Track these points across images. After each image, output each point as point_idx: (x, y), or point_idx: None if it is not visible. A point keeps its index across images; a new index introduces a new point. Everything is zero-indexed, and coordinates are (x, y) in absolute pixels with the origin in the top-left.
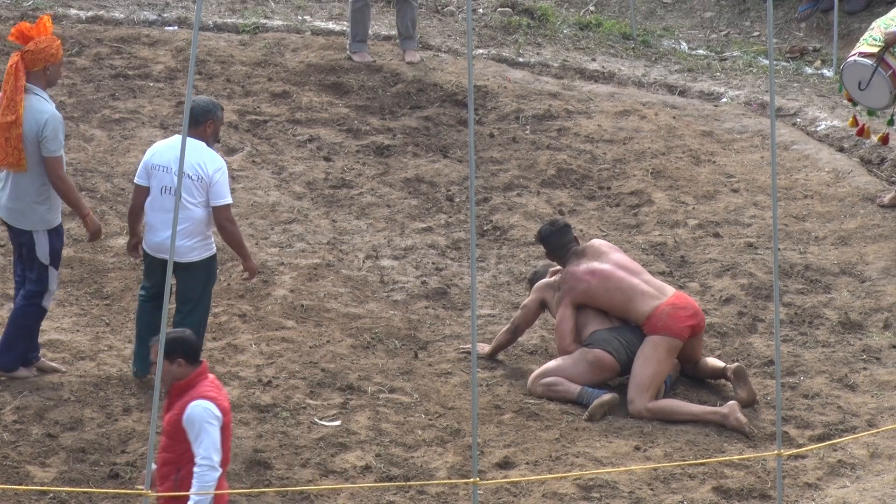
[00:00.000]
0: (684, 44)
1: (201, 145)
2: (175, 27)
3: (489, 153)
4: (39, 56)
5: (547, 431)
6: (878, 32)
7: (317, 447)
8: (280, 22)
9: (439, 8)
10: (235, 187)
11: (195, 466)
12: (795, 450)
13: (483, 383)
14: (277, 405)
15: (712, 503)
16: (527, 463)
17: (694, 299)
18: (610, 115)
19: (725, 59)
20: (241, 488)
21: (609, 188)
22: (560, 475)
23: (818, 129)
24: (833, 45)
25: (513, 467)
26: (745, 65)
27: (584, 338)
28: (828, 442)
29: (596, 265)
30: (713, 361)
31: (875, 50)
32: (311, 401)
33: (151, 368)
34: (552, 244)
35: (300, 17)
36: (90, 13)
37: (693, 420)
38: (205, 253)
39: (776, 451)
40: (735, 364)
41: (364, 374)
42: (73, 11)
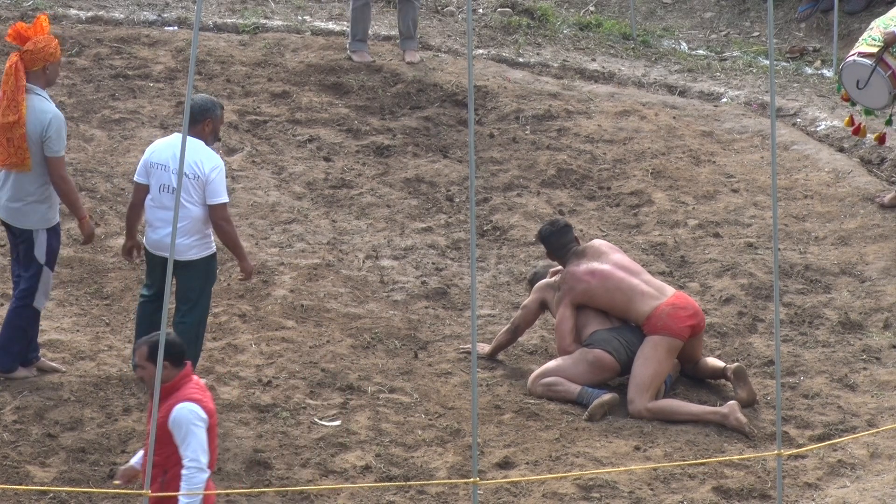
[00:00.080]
0: (684, 44)
1: (199, 144)
2: (175, 27)
3: (489, 153)
4: (38, 56)
5: (547, 431)
6: (878, 32)
7: (317, 447)
8: (280, 22)
9: (439, 8)
10: (235, 187)
11: (183, 469)
12: (795, 450)
13: (483, 383)
14: (277, 405)
15: (712, 503)
16: (527, 463)
17: (694, 299)
18: (610, 116)
19: (725, 60)
20: (241, 488)
21: (609, 188)
22: (560, 475)
23: (818, 130)
24: (833, 46)
25: (513, 467)
26: (745, 65)
27: (585, 338)
28: (828, 442)
29: (596, 265)
30: (713, 361)
31: (874, 50)
32: (311, 401)
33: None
34: (552, 244)
35: (300, 17)
36: (90, 13)
37: (693, 420)
38: (203, 252)
39: (776, 451)
40: (735, 364)
41: (364, 374)
42: (73, 11)
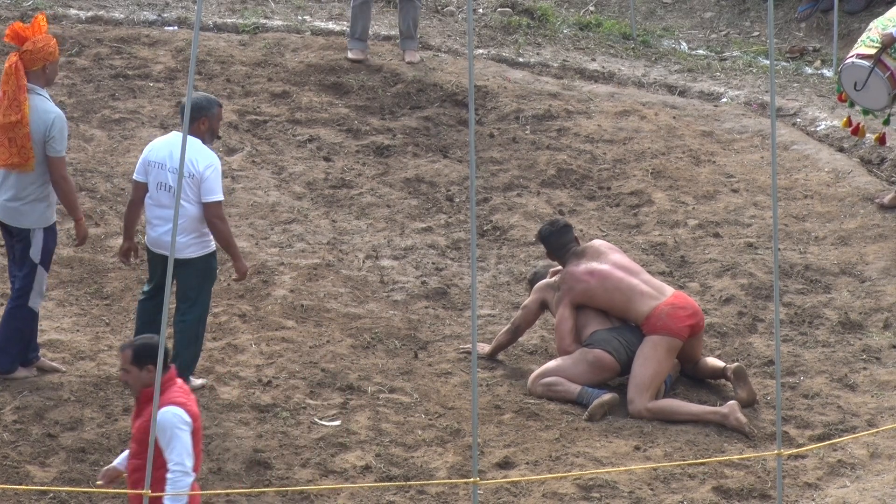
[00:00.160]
0: (684, 44)
1: (196, 142)
2: (175, 27)
3: (489, 153)
4: (38, 55)
5: (547, 431)
6: (876, 34)
7: (317, 447)
8: (280, 22)
9: (439, 8)
10: (235, 187)
11: (168, 472)
12: (795, 450)
13: (483, 383)
14: (277, 405)
15: (712, 503)
16: (527, 463)
17: (694, 299)
18: (610, 115)
19: (725, 59)
20: (241, 488)
21: (609, 188)
22: (560, 475)
23: (818, 129)
24: (833, 45)
25: (513, 467)
26: (745, 65)
27: (584, 338)
28: (828, 442)
29: (595, 265)
30: (713, 361)
31: (872, 51)
32: (311, 401)
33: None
34: (552, 244)
35: (300, 17)
36: (90, 13)
37: (693, 420)
38: (201, 250)
39: (776, 451)
40: (735, 364)
41: (364, 374)
42: (73, 11)
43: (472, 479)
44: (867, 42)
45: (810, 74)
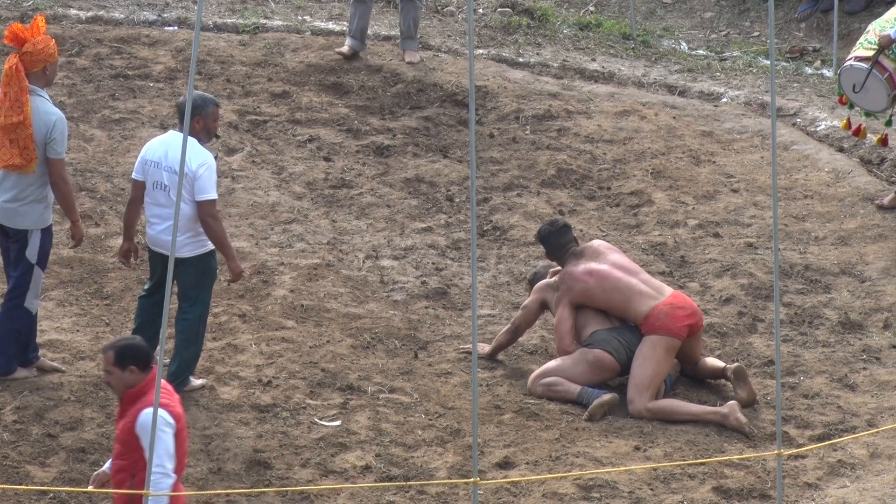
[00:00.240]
0: (684, 44)
1: (191, 141)
2: (175, 27)
3: (489, 153)
4: (38, 57)
5: (547, 431)
6: (874, 36)
7: (317, 447)
8: (280, 22)
9: (439, 8)
10: (235, 187)
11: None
12: (795, 450)
13: (483, 383)
14: (277, 405)
15: (712, 503)
16: (527, 463)
17: (693, 299)
18: (610, 115)
19: (725, 60)
20: (241, 488)
21: (609, 188)
22: (560, 475)
23: (818, 130)
24: (833, 46)
25: (513, 467)
26: (745, 65)
27: (584, 338)
28: (828, 442)
29: (594, 265)
30: (713, 361)
31: (870, 53)
32: (311, 401)
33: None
34: (551, 244)
35: (300, 17)
36: (90, 13)
37: (693, 420)
38: (197, 249)
39: (776, 451)
40: (735, 364)
41: (364, 374)
42: (73, 11)
43: (472, 479)
44: (865, 45)
45: (810, 74)
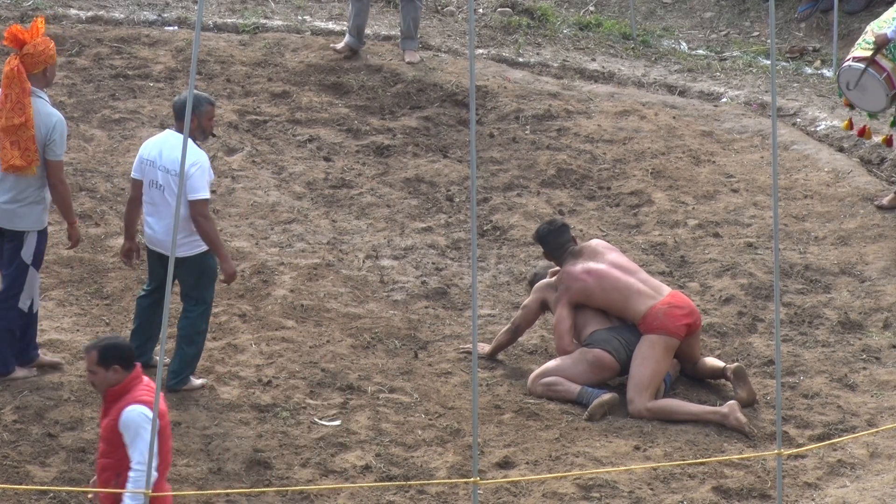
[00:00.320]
0: (684, 44)
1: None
2: (175, 27)
3: (489, 153)
4: (39, 58)
5: (547, 431)
6: (871, 36)
7: (317, 447)
8: (280, 22)
9: (439, 8)
10: (235, 187)
11: (130, 471)
12: (795, 449)
13: (483, 383)
14: (277, 405)
15: (712, 503)
16: (527, 463)
17: (693, 299)
18: (610, 115)
19: (725, 59)
20: (241, 488)
21: (609, 188)
22: (560, 475)
23: (818, 129)
24: (833, 45)
25: (513, 467)
26: (745, 65)
27: (584, 338)
28: (828, 442)
29: (592, 265)
30: (713, 361)
31: (868, 54)
32: (311, 401)
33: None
34: (549, 244)
35: (300, 17)
36: (90, 13)
37: (693, 420)
38: (194, 249)
39: (776, 451)
40: (735, 364)
41: (364, 374)
42: (73, 11)
43: (472, 479)
44: (863, 45)
45: (810, 74)
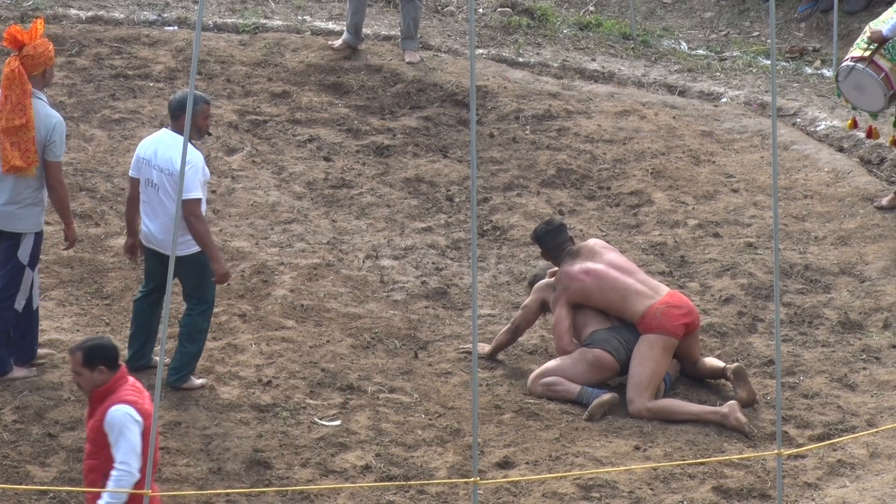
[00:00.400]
0: (684, 44)
1: (179, 139)
2: (175, 27)
3: (489, 153)
4: (39, 60)
5: (547, 431)
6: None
7: (317, 447)
8: (280, 22)
9: (439, 8)
10: (235, 187)
11: (113, 470)
12: (795, 449)
13: (483, 383)
14: (277, 405)
15: (712, 503)
16: (527, 463)
17: (693, 299)
18: (610, 115)
19: (725, 59)
20: (241, 488)
21: (609, 188)
22: (560, 475)
23: (818, 129)
24: (833, 45)
25: (513, 467)
26: (745, 65)
27: (584, 337)
28: (828, 442)
29: (590, 265)
30: (713, 361)
31: (866, 54)
32: (311, 401)
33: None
34: (547, 244)
35: (300, 17)
36: (90, 13)
37: (693, 420)
38: (190, 248)
39: (776, 451)
40: (735, 364)
41: (364, 374)
42: (73, 11)
43: (472, 479)
44: (861, 45)
45: (810, 74)
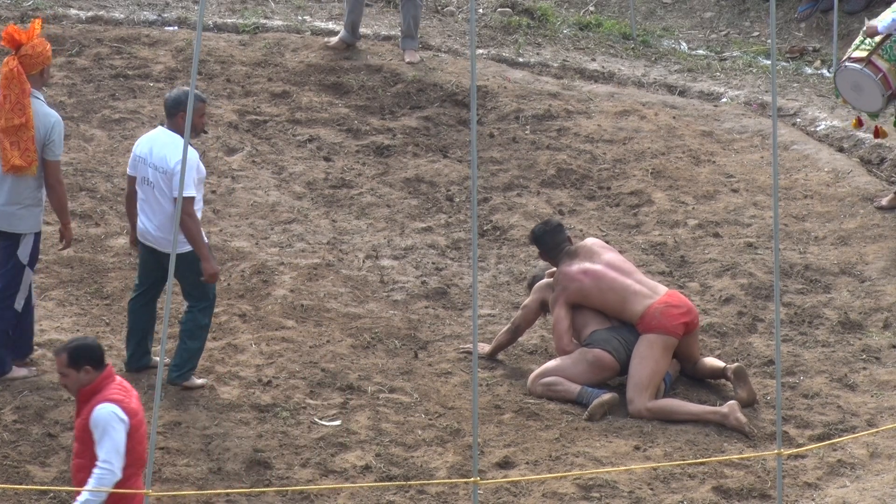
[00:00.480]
0: (684, 44)
1: (175, 137)
2: (175, 27)
3: (489, 153)
4: (37, 59)
5: (547, 431)
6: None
7: (317, 447)
8: (280, 22)
9: (439, 8)
10: (235, 187)
11: (95, 468)
12: (795, 449)
13: (483, 383)
14: (277, 405)
15: (712, 503)
16: (527, 463)
17: (693, 299)
18: (610, 115)
19: (725, 59)
20: (241, 488)
21: (609, 188)
22: (560, 475)
23: (818, 129)
24: (833, 45)
25: (513, 467)
26: (745, 65)
27: (584, 337)
28: (828, 442)
29: (588, 265)
30: (713, 361)
31: (864, 54)
32: (311, 401)
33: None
34: (546, 244)
35: (300, 17)
36: (90, 13)
37: (693, 420)
38: (185, 245)
39: (776, 451)
40: (735, 364)
41: (364, 374)
42: (73, 11)
43: (472, 479)
44: (859, 46)
45: (810, 74)
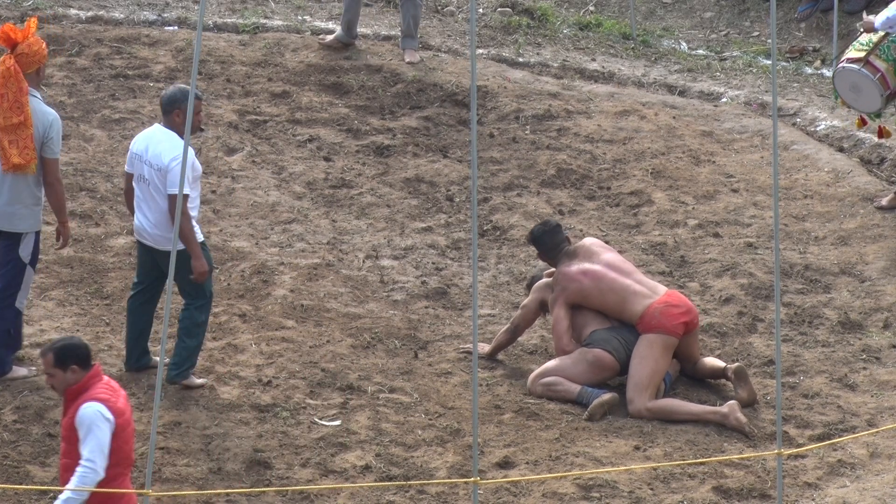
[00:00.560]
0: (684, 44)
1: (171, 135)
2: (175, 27)
3: (489, 153)
4: (34, 58)
5: (547, 431)
6: (865, 37)
7: (317, 447)
8: (280, 22)
9: (439, 8)
10: (235, 187)
11: (78, 466)
12: (795, 449)
13: (483, 383)
14: (277, 405)
15: (712, 503)
16: (527, 463)
17: (693, 299)
18: (610, 115)
19: (725, 59)
20: (241, 488)
21: (609, 188)
22: (560, 475)
23: (818, 129)
24: (833, 45)
25: (513, 467)
26: (745, 65)
27: (584, 337)
28: (828, 442)
29: (587, 266)
30: (713, 361)
31: (862, 55)
32: (311, 401)
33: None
34: (545, 244)
35: (300, 17)
36: (90, 13)
37: (693, 420)
38: (180, 244)
39: (776, 451)
40: (735, 364)
41: (364, 374)
42: (73, 11)
43: (472, 479)
44: (857, 46)
45: (810, 74)
